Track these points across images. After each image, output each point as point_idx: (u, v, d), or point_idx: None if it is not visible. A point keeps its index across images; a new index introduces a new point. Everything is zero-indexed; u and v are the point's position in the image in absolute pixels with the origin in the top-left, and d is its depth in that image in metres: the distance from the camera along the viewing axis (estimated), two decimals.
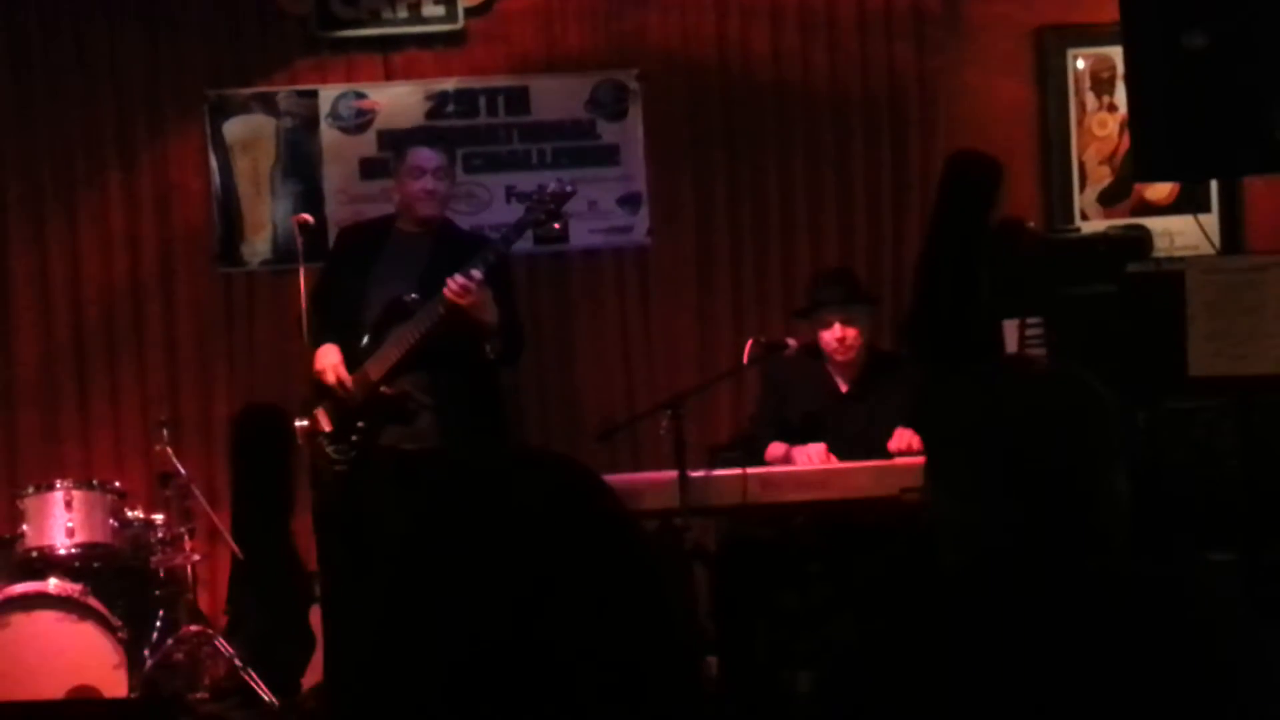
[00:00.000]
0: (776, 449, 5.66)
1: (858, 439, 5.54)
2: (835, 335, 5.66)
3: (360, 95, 6.88)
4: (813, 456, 5.50)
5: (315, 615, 5.99)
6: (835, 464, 5.45)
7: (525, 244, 5.90)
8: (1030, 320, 5.81)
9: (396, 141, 6.13)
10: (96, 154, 6.82)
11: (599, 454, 6.27)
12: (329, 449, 5.48)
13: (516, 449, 2.30)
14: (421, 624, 1.39)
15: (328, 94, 6.88)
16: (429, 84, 6.89)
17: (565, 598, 1.37)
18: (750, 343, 5.69)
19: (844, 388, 5.76)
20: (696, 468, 5.41)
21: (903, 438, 5.47)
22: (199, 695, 6.02)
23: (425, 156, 5.67)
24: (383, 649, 1.40)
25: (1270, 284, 4.43)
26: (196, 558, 6.13)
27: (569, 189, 5.61)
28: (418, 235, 5.67)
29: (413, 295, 5.49)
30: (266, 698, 5.80)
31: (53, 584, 5.73)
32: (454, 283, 5.34)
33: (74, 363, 6.82)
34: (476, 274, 5.36)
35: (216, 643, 5.96)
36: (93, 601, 5.71)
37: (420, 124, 6.79)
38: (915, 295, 6.69)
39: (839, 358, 5.69)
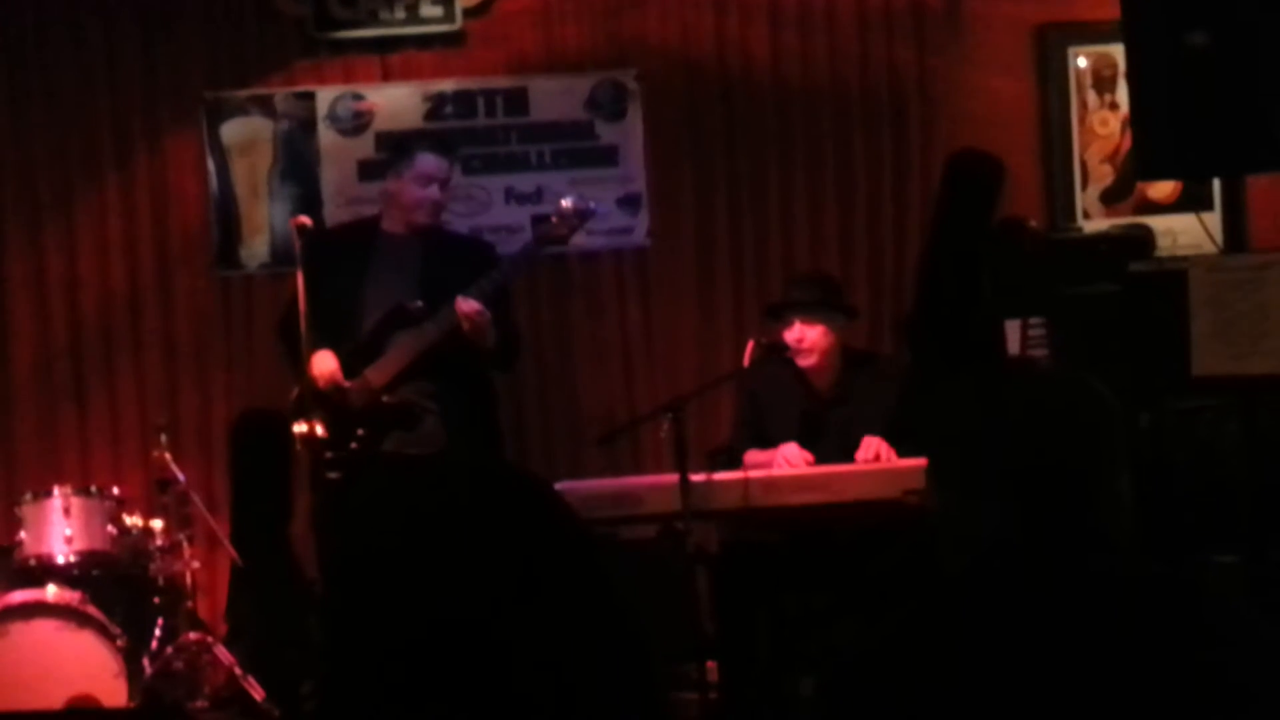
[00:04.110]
0: (752, 456, 5.58)
1: (841, 443, 5.46)
2: (794, 335, 5.55)
3: (358, 97, 6.86)
4: (790, 459, 5.44)
5: None
6: (817, 467, 5.39)
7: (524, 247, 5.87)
8: (1032, 320, 5.78)
9: (399, 142, 6.04)
10: (93, 157, 6.80)
11: (599, 457, 6.26)
12: (326, 456, 5.42)
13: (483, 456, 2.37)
14: (410, 628, 1.41)
15: (325, 96, 6.85)
16: (427, 85, 6.86)
17: (523, 604, 1.41)
18: (751, 344, 5.64)
19: (824, 392, 5.65)
20: (697, 471, 5.37)
21: (870, 447, 5.36)
22: (199, 703, 5.99)
23: (436, 165, 5.61)
24: (372, 651, 1.42)
25: (1273, 282, 4.41)
26: (195, 564, 6.10)
27: (591, 206, 5.58)
28: (407, 238, 5.63)
29: (418, 302, 5.46)
30: (266, 705, 5.78)
31: (51, 592, 5.70)
32: (467, 305, 5.31)
33: (71, 368, 6.80)
34: (485, 311, 5.32)
35: (216, 650, 5.93)
36: (91, 609, 5.68)
37: (419, 126, 6.75)
38: (916, 295, 6.69)
39: (801, 361, 5.58)
